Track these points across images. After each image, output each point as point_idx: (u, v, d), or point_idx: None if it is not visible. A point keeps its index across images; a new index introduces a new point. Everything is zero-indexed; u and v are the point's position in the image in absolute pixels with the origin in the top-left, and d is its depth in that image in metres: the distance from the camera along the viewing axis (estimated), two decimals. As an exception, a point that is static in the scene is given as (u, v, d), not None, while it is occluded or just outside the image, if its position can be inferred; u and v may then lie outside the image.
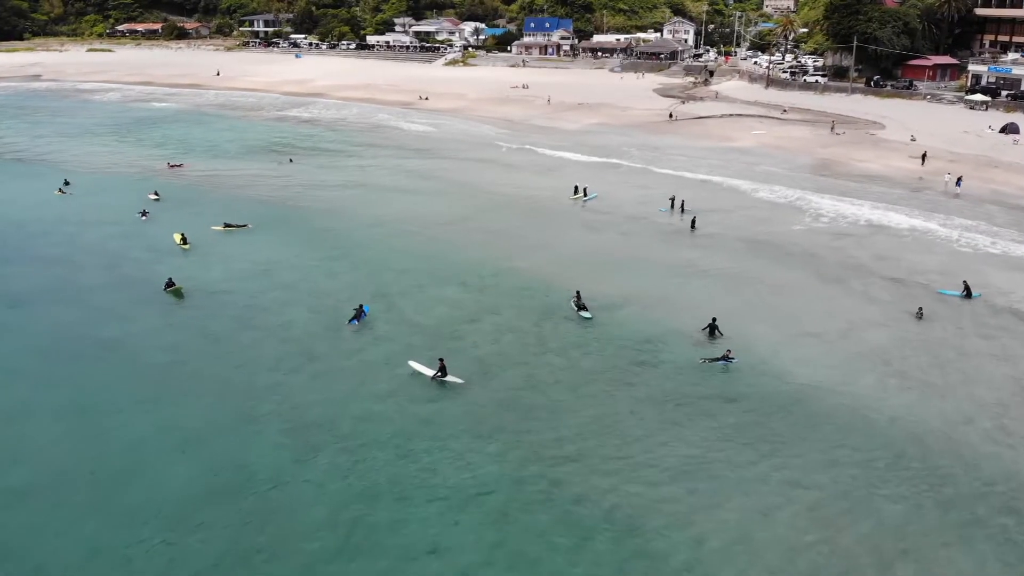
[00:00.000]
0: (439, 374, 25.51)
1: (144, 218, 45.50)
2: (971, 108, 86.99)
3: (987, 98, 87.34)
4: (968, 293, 34.07)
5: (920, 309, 32.03)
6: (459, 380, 25.49)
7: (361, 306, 31.14)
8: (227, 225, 42.63)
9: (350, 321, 30.45)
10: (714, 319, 29.68)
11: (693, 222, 44.97)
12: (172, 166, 60.99)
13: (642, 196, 52.70)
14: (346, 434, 22.96)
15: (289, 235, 42.40)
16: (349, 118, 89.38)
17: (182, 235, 40.32)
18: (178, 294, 33.34)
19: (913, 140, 70.37)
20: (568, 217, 47.54)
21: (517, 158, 65.96)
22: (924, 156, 63.20)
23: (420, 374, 26.12)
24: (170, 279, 33.83)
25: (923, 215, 47.86)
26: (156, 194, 50.38)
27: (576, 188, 52.94)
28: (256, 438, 22.79)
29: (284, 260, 38.15)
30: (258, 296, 33.33)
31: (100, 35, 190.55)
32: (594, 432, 23.11)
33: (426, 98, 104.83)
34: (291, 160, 62.36)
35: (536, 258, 38.88)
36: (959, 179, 55.42)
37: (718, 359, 27.37)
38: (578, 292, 32.60)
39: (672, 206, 49.10)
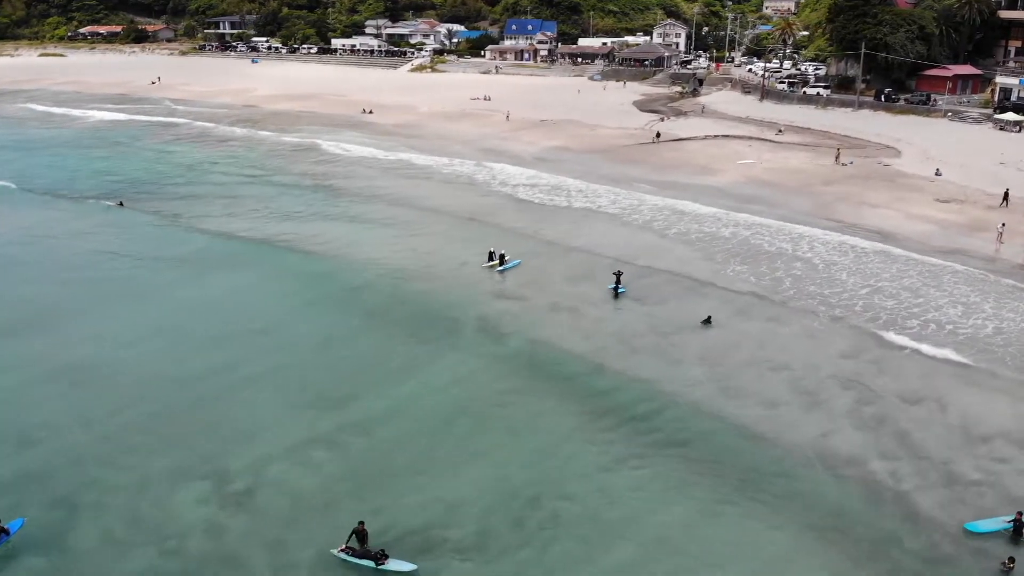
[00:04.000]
0: None
1: None
2: (1001, 129, 73.19)
3: (1021, 118, 73.45)
4: (1019, 527, 19.11)
5: (1011, 560, 18.01)
6: None
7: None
8: None
9: None
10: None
11: (708, 320, 31.84)
12: None
13: (581, 264, 39.06)
14: None
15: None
16: (262, 139, 75.19)
17: None
18: None
19: (939, 175, 56.39)
20: (463, 308, 33.32)
21: (440, 199, 51.89)
22: (1006, 195, 48.80)
23: None
24: None
25: (969, 307, 33.34)
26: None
27: (491, 254, 39.25)
28: None
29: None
30: None
31: (61, 38, 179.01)
32: None
33: (370, 112, 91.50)
34: (121, 204, 48.28)
35: (369, 418, 24.30)
36: None
37: None
38: (361, 525, 18.41)
39: (617, 283, 35.63)
